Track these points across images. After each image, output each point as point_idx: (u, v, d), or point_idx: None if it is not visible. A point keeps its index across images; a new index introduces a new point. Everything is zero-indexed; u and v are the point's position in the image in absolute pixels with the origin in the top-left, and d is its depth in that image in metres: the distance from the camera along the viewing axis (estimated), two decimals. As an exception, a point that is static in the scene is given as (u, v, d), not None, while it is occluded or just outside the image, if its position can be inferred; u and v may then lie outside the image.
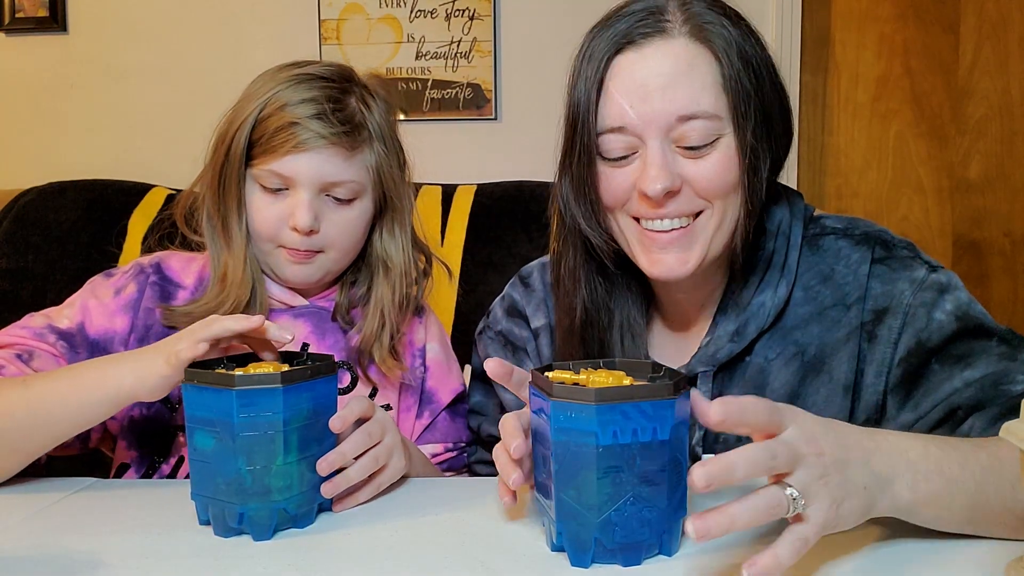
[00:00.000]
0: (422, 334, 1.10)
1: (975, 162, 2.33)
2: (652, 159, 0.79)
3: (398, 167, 1.03)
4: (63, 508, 0.81)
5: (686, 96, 0.79)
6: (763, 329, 0.86)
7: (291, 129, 0.93)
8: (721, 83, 0.80)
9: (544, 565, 0.66)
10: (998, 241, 2.34)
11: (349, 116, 0.96)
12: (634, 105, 0.79)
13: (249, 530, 0.72)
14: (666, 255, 0.83)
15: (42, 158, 2.26)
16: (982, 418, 0.78)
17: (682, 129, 0.79)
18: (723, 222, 0.83)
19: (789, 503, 0.56)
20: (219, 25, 2.26)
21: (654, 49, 0.80)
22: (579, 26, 0.89)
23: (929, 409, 0.81)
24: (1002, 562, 0.63)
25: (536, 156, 2.23)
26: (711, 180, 0.81)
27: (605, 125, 0.81)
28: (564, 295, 0.91)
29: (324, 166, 0.95)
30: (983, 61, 2.30)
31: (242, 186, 0.98)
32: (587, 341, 0.89)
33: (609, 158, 0.83)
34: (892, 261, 0.85)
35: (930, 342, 0.82)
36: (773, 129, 0.84)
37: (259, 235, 0.99)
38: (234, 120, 0.97)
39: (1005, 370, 0.79)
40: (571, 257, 0.90)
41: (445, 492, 0.85)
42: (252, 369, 0.76)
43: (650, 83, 0.79)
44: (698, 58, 0.80)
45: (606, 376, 0.67)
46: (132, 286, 1.03)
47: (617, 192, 0.83)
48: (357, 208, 0.99)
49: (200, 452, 0.73)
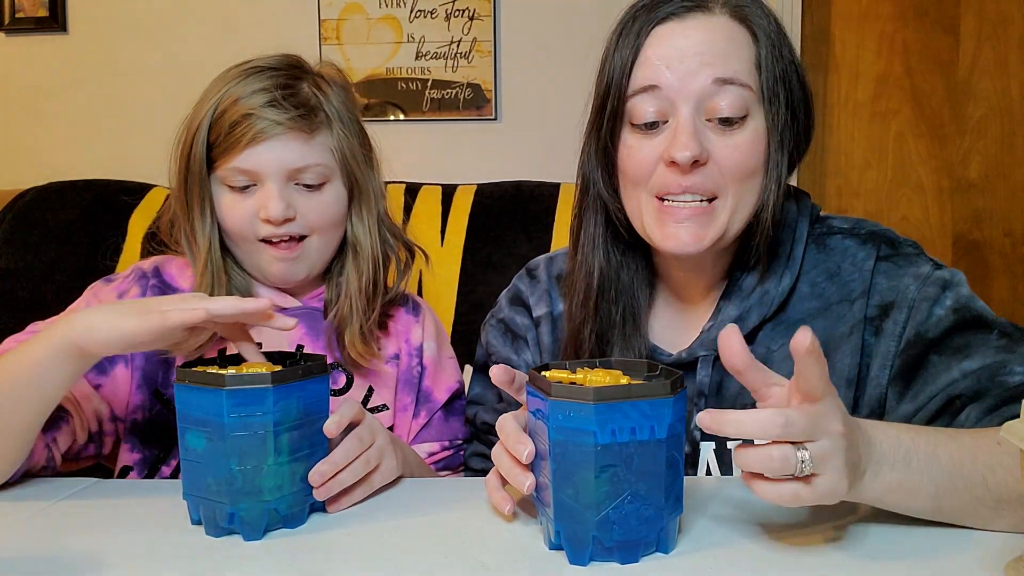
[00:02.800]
0: (419, 333, 1.09)
1: (975, 162, 2.33)
2: (683, 126, 0.80)
3: (361, 150, 1.03)
4: (63, 508, 0.81)
5: (722, 63, 0.80)
6: (766, 318, 0.87)
7: (247, 121, 0.93)
8: (756, 62, 0.82)
9: (542, 563, 0.66)
10: (998, 241, 2.34)
11: (303, 100, 0.96)
12: (671, 66, 0.81)
13: (240, 530, 0.72)
14: (681, 229, 0.83)
15: (42, 158, 2.26)
16: (978, 408, 0.79)
17: (715, 99, 0.80)
18: (738, 208, 0.84)
19: (797, 464, 0.59)
20: (219, 25, 2.27)
21: (695, 21, 0.82)
22: (579, 26, 0.90)
23: (927, 400, 0.82)
24: (1002, 561, 0.63)
25: (536, 156, 2.24)
26: (735, 159, 0.82)
27: (638, 85, 0.82)
28: (583, 261, 0.91)
29: (285, 153, 0.94)
30: (983, 61, 2.30)
31: (207, 195, 0.98)
32: (599, 311, 0.89)
33: (638, 123, 0.83)
34: (898, 258, 0.86)
35: (929, 334, 0.82)
36: (796, 123, 0.86)
37: (235, 235, 0.98)
38: (190, 127, 0.97)
39: (1003, 361, 0.80)
40: (592, 224, 0.90)
41: (441, 492, 0.85)
42: (244, 369, 0.76)
43: (689, 50, 0.81)
44: (736, 34, 0.82)
45: (603, 375, 0.67)
46: (135, 289, 1.03)
47: (642, 165, 0.83)
48: (329, 192, 0.99)
49: (191, 452, 0.73)
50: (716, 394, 0.88)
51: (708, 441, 0.88)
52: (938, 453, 0.67)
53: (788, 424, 0.58)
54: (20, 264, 1.50)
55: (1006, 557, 0.63)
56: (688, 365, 0.88)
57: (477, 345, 1.08)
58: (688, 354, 0.88)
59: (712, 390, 0.88)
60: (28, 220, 1.54)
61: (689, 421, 0.86)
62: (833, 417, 0.60)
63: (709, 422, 0.60)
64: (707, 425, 0.60)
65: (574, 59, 2.20)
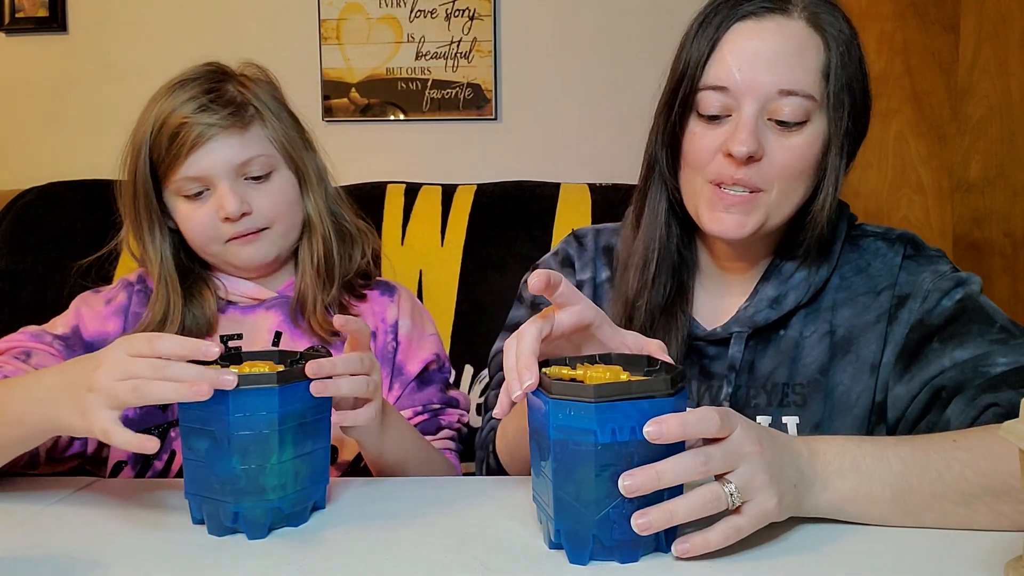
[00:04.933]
0: (394, 311, 1.13)
1: (975, 162, 2.32)
2: (744, 123, 0.84)
3: (297, 134, 1.09)
4: (63, 508, 0.81)
5: (791, 73, 0.84)
6: (800, 303, 0.92)
7: (183, 131, 0.99)
8: (824, 70, 0.86)
9: (542, 563, 0.66)
10: (998, 241, 2.34)
11: (230, 99, 1.02)
12: (741, 69, 0.84)
13: (244, 529, 0.72)
14: (727, 215, 0.88)
15: (42, 158, 2.26)
16: (961, 400, 0.81)
17: (779, 103, 0.84)
18: (780, 204, 0.88)
19: (727, 498, 0.63)
20: (219, 25, 2.27)
21: (773, 24, 0.85)
22: (579, 26, 0.90)
23: (919, 388, 0.85)
24: (1002, 562, 0.63)
25: (536, 156, 2.24)
26: (786, 160, 0.86)
27: (709, 82, 0.86)
28: (644, 233, 0.95)
29: (226, 151, 1.00)
30: (983, 60, 2.30)
31: (155, 214, 1.04)
32: (656, 282, 0.94)
33: (703, 114, 0.87)
34: (921, 258, 0.93)
35: (934, 321, 0.87)
36: (855, 134, 0.90)
37: (201, 242, 1.03)
38: (132, 150, 1.03)
39: (990, 353, 0.82)
40: (656, 199, 0.95)
41: (441, 492, 0.85)
42: (247, 368, 0.76)
43: (761, 53, 0.84)
44: (810, 41, 0.85)
45: (603, 371, 0.67)
46: (122, 295, 1.09)
47: (703, 152, 0.88)
48: (277, 180, 1.05)
49: (195, 451, 0.73)
50: (748, 372, 0.92)
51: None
52: (886, 455, 0.69)
53: (708, 460, 0.62)
54: (20, 264, 1.50)
55: (1006, 557, 0.63)
56: (722, 341, 0.93)
57: (512, 309, 1.07)
58: (723, 330, 0.93)
59: (744, 367, 0.93)
60: (28, 220, 1.54)
61: (719, 395, 0.92)
62: (746, 440, 0.63)
63: (632, 485, 0.61)
64: (635, 489, 0.61)
65: (574, 59, 2.20)
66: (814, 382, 0.90)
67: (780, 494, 0.64)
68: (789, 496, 0.65)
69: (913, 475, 0.69)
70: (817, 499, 0.68)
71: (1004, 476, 0.67)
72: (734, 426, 0.63)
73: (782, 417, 0.91)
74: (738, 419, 0.65)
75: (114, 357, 0.71)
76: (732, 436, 0.63)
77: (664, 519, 0.62)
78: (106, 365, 0.71)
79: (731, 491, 0.62)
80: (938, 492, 0.68)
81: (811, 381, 0.91)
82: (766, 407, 0.91)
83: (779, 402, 0.91)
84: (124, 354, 0.71)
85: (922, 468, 0.69)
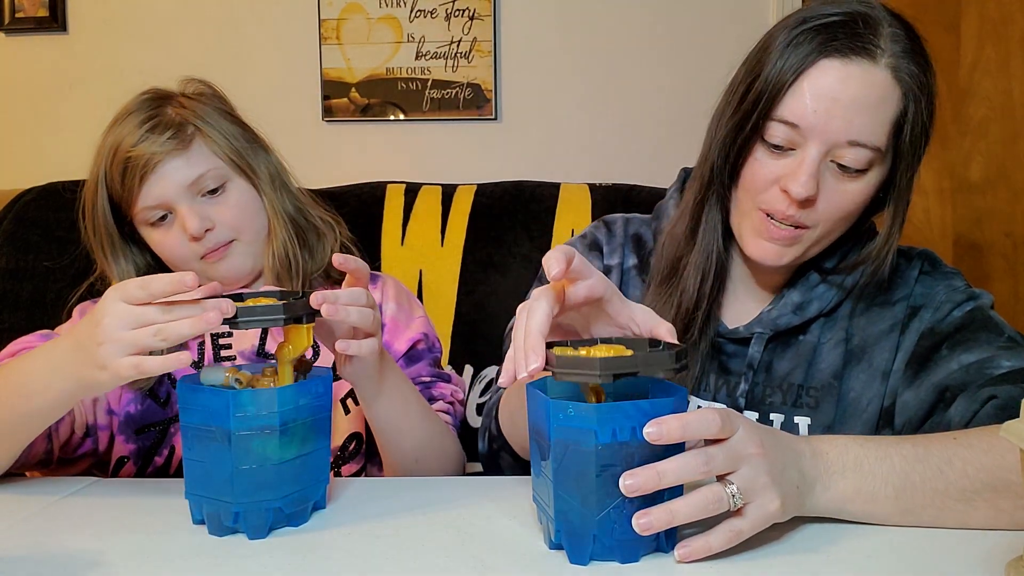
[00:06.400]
0: (378, 295, 1.15)
1: (976, 163, 2.32)
2: (807, 166, 0.84)
3: (244, 140, 1.10)
4: (63, 507, 0.81)
5: (864, 126, 0.83)
6: (823, 312, 0.94)
7: (130, 163, 1.01)
8: (897, 121, 0.85)
9: (542, 563, 0.66)
10: (999, 242, 2.34)
11: (169, 122, 1.04)
12: (817, 111, 0.83)
13: (244, 529, 0.72)
14: (770, 244, 0.89)
15: (42, 158, 2.25)
16: (964, 400, 0.82)
17: (844, 150, 0.84)
18: (821, 240, 0.90)
19: (729, 499, 0.63)
20: (219, 25, 2.27)
21: (858, 69, 0.83)
22: (579, 26, 0.90)
23: (927, 393, 0.86)
24: (1002, 562, 0.63)
25: (536, 156, 2.24)
26: (839, 203, 0.86)
27: (784, 115, 0.85)
28: (702, 246, 0.95)
29: (175, 173, 1.02)
30: (984, 61, 2.30)
31: (117, 246, 1.07)
32: (712, 292, 0.94)
33: (769, 142, 0.87)
34: (937, 274, 0.96)
35: (944, 329, 0.89)
36: (910, 177, 0.89)
37: (178, 264, 1.05)
38: (89, 193, 1.06)
39: (994, 356, 0.83)
40: (714, 215, 0.95)
41: (441, 491, 0.85)
42: (251, 303, 0.75)
43: (840, 100, 0.83)
44: (889, 93, 0.84)
45: (606, 349, 0.67)
46: None
47: (760, 180, 0.88)
48: (233, 190, 1.07)
49: (195, 452, 0.73)
50: (766, 371, 0.94)
51: None
52: (889, 454, 0.70)
53: (709, 460, 0.62)
54: (20, 264, 1.50)
55: (1006, 557, 0.63)
56: (743, 340, 0.95)
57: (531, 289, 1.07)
58: (745, 329, 0.95)
59: (762, 367, 0.95)
60: (28, 220, 1.54)
61: (735, 391, 0.94)
62: (748, 442, 0.64)
63: (633, 485, 0.61)
64: (636, 488, 0.61)
65: (574, 59, 2.20)
66: (827, 386, 0.92)
67: (782, 496, 0.64)
68: (791, 497, 0.65)
69: (915, 472, 0.69)
70: (819, 499, 0.68)
71: (1004, 472, 0.68)
72: (736, 427, 0.64)
73: (795, 417, 0.92)
74: (740, 420, 0.65)
75: (114, 308, 0.72)
76: (734, 437, 0.63)
77: (665, 519, 0.62)
78: (109, 316, 0.72)
79: (733, 492, 0.63)
80: (939, 489, 0.69)
81: (825, 385, 0.92)
82: (780, 405, 0.93)
83: (793, 402, 0.93)
84: (123, 303, 0.72)
85: (924, 465, 0.69)
